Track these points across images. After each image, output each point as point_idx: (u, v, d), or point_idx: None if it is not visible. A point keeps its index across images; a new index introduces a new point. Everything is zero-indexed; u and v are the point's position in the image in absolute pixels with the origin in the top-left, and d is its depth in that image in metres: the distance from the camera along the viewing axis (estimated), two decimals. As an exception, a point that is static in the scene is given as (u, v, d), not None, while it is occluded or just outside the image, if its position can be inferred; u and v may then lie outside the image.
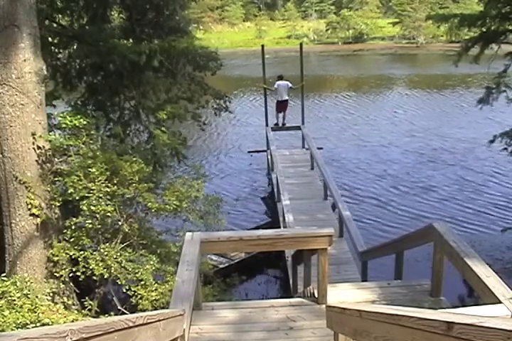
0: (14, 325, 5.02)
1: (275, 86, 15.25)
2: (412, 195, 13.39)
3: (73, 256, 6.19)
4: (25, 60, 5.80)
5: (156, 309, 5.59)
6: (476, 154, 16.11)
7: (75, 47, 8.79)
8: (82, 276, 6.09)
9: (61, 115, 6.57)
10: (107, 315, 5.49)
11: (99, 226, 6.21)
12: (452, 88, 27.20)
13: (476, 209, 12.23)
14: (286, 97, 15.29)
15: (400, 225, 11.31)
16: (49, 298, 6.19)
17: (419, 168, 15.42)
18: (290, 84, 15.23)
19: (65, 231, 6.28)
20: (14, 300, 5.38)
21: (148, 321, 2.34)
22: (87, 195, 6.06)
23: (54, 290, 6.37)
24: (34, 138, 6.06)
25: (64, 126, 6.44)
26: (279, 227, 9.81)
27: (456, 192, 13.32)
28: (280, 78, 15.32)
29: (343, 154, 16.88)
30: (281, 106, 15.47)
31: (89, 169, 6.11)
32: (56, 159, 6.52)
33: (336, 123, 20.79)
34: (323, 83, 30.24)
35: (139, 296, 5.87)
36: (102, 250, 6.08)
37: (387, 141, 18.10)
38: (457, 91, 26.44)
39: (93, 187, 6.06)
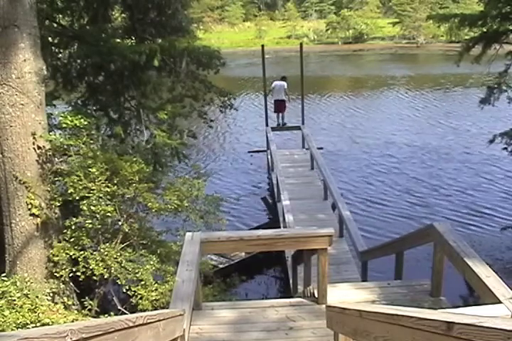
0: (14, 325, 5.02)
1: (272, 85, 15.35)
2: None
3: (73, 256, 6.19)
4: (25, 60, 5.80)
5: (156, 309, 5.59)
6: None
7: (75, 47, 8.78)
8: (82, 276, 6.08)
9: (62, 115, 6.56)
10: (107, 315, 5.48)
11: (99, 226, 6.20)
12: (448, 88, 27.25)
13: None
14: (282, 97, 15.36)
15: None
16: (49, 298, 6.19)
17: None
18: (285, 86, 15.29)
19: (65, 231, 6.28)
20: (14, 300, 5.38)
21: (148, 321, 2.34)
22: (87, 195, 6.05)
23: (54, 290, 6.36)
24: (34, 138, 6.06)
25: (65, 125, 6.43)
26: (279, 227, 9.81)
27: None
28: (282, 78, 15.39)
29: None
30: (278, 105, 15.57)
31: (90, 169, 6.10)
32: (56, 159, 6.51)
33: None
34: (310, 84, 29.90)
35: (139, 296, 5.86)
36: (102, 250, 6.08)
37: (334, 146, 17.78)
38: (456, 91, 26.51)
39: (93, 187, 6.06)
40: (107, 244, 6.19)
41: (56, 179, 6.39)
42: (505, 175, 14.39)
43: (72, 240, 6.23)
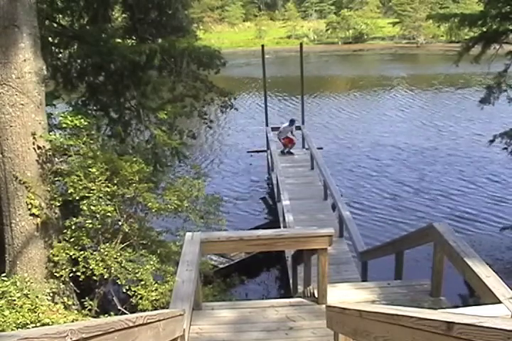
0: (14, 325, 5.02)
1: (280, 129, 14.82)
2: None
3: (73, 256, 6.19)
4: (25, 60, 5.80)
5: (156, 309, 5.59)
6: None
7: (75, 47, 8.78)
8: (82, 276, 6.09)
9: (62, 115, 6.56)
10: (107, 315, 5.49)
11: (99, 226, 6.20)
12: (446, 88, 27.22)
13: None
14: (290, 136, 14.81)
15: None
16: (49, 298, 6.19)
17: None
18: (293, 129, 14.80)
19: (65, 231, 6.28)
20: (14, 300, 5.38)
21: (148, 321, 2.34)
22: (87, 194, 6.05)
23: (54, 290, 6.36)
24: (34, 138, 6.06)
25: (65, 125, 6.43)
26: (279, 227, 9.81)
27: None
28: (290, 122, 14.81)
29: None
30: (284, 140, 14.94)
31: (90, 169, 6.10)
32: (56, 159, 6.51)
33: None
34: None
35: (139, 296, 5.86)
36: (102, 250, 6.08)
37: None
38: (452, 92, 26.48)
39: (93, 187, 6.06)
40: (107, 244, 6.19)
41: (56, 179, 6.39)
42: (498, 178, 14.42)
43: (72, 240, 6.23)
